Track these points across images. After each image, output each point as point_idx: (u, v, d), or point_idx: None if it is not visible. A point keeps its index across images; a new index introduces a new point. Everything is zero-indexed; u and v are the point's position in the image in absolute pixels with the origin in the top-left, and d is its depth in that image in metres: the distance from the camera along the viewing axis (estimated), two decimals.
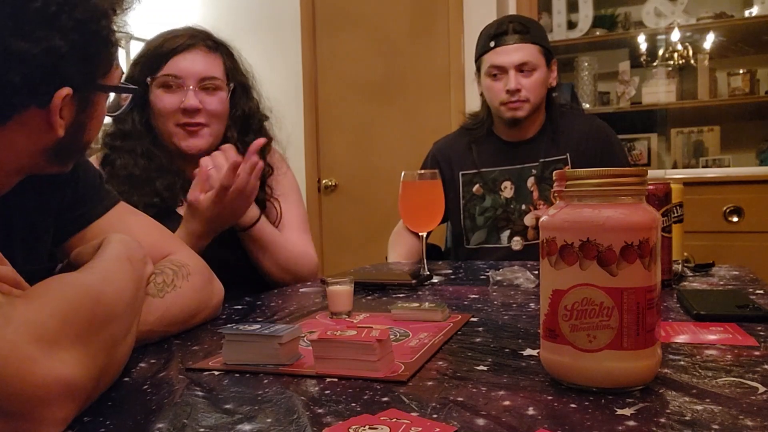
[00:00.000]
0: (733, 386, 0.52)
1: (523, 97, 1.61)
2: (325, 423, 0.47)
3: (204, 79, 1.22)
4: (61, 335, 0.49)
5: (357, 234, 3.22)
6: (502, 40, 1.62)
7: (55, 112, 0.65)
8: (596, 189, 0.53)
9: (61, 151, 0.71)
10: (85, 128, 0.72)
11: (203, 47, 1.25)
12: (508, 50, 1.61)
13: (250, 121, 1.33)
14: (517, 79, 1.60)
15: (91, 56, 0.68)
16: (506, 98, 1.62)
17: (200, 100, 1.22)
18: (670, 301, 0.91)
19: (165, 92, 1.23)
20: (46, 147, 0.69)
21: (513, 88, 1.60)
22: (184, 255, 0.90)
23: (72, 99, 0.67)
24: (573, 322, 0.52)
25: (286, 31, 3.31)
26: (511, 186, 1.68)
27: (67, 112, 0.68)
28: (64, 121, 0.67)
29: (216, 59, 1.27)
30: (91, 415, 0.50)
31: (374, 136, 3.19)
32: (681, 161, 2.99)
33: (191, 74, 1.21)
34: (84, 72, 0.67)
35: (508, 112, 1.63)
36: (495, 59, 1.63)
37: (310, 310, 0.94)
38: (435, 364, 0.62)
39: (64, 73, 0.65)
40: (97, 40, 0.67)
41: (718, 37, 2.86)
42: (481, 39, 1.69)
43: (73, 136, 0.70)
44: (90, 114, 0.72)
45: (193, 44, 1.23)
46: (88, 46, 0.66)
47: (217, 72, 1.25)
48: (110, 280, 0.60)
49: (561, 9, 2.99)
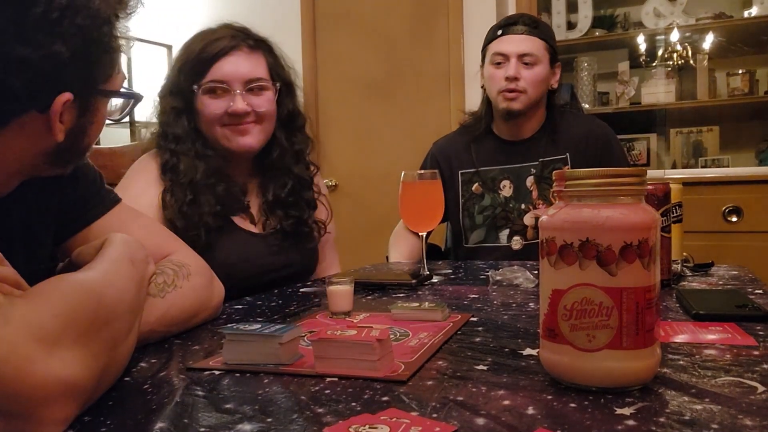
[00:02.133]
0: (732, 386, 0.52)
1: (521, 87, 1.62)
2: (325, 422, 0.47)
3: (250, 81, 1.20)
4: (62, 335, 0.49)
5: (357, 234, 3.22)
6: (510, 29, 1.65)
7: (56, 117, 0.65)
8: (596, 189, 0.53)
9: (61, 155, 0.71)
10: (85, 133, 0.72)
11: (245, 48, 1.22)
12: (514, 39, 1.64)
13: (296, 120, 1.32)
14: (517, 67, 1.61)
15: (92, 62, 0.67)
16: (504, 86, 1.63)
17: (248, 103, 1.20)
18: (669, 300, 0.91)
19: (211, 98, 1.20)
20: (46, 150, 0.69)
21: (512, 75, 1.61)
22: (185, 255, 0.90)
23: (73, 104, 0.67)
24: (572, 322, 0.52)
25: (287, 31, 3.30)
26: (510, 185, 1.68)
27: (67, 117, 0.68)
28: (65, 126, 0.67)
29: (259, 58, 1.24)
30: (91, 415, 0.51)
31: (374, 136, 3.19)
32: (680, 161, 2.99)
33: (237, 78, 1.19)
34: (85, 77, 0.67)
35: (503, 102, 1.64)
36: (500, 47, 1.65)
37: (310, 309, 0.94)
38: (435, 363, 0.62)
39: (64, 79, 0.64)
40: (99, 46, 0.67)
41: (717, 38, 2.86)
42: (491, 30, 1.72)
43: (74, 140, 0.70)
44: (90, 119, 0.71)
45: (236, 45, 1.21)
46: (89, 52, 0.66)
47: (261, 72, 1.23)
48: (112, 280, 0.60)
49: (560, 9, 3.00)
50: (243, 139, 1.21)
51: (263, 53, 1.25)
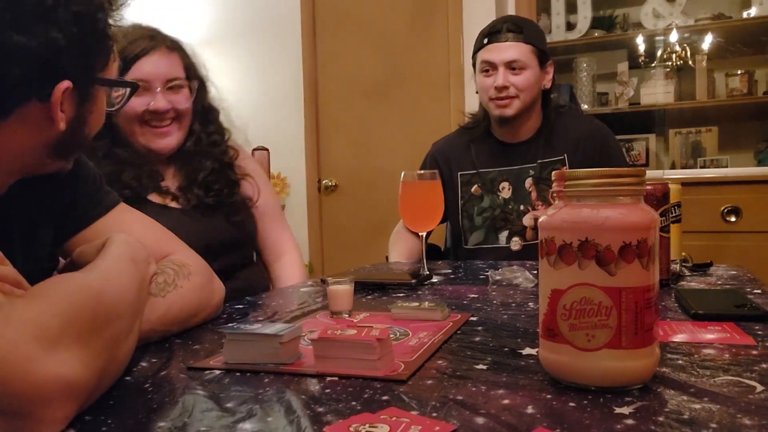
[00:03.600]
0: (731, 385, 0.53)
1: (511, 93, 1.63)
2: (325, 422, 0.47)
3: (170, 80, 1.26)
4: (63, 335, 0.49)
5: (357, 234, 3.22)
6: (495, 37, 1.65)
7: (56, 105, 0.66)
8: (595, 189, 0.53)
9: (62, 146, 0.72)
10: (86, 122, 0.72)
11: (164, 48, 1.27)
12: (500, 47, 1.64)
13: (210, 113, 1.38)
14: (505, 75, 1.62)
15: (89, 49, 0.68)
16: (494, 94, 1.64)
17: (169, 100, 1.26)
18: (668, 300, 0.91)
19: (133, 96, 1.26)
20: (48, 142, 0.69)
21: (500, 85, 1.62)
22: (185, 255, 0.90)
23: (72, 93, 0.67)
24: (572, 322, 0.52)
25: (287, 31, 3.31)
26: (509, 186, 1.69)
27: (68, 106, 0.68)
28: (66, 115, 0.68)
29: (176, 58, 1.30)
30: (92, 414, 0.51)
31: (374, 136, 3.20)
32: (679, 161, 3.00)
33: (157, 77, 1.24)
34: (83, 65, 0.68)
35: (496, 110, 1.65)
36: (486, 55, 1.65)
37: (310, 309, 0.94)
38: (434, 363, 0.62)
39: (63, 67, 0.65)
40: (95, 33, 0.68)
41: (716, 38, 2.87)
42: (478, 37, 1.72)
43: (75, 130, 0.71)
44: (90, 108, 0.72)
45: (155, 46, 1.25)
46: (86, 39, 0.67)
47: (179, 71, 1.29)
48: (113, 280, 0.60)
49: (560, 10, 3.00)
50: (164, 141, 1.27)
51: (178, 53, 1.31)
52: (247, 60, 3.41)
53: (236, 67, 3.42)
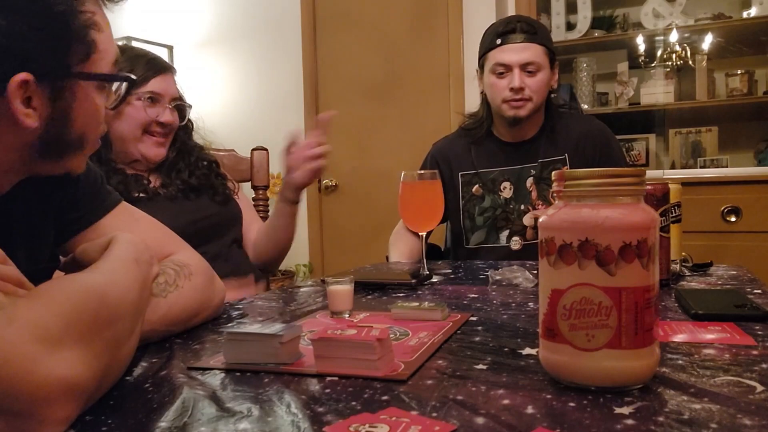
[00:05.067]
0: (731, 385, 0.53)
1: (526, 95, 1.62)
2: (325, 421, 0.47)
3: (174, 99, 1.43)
4: (65, 335, 0.49)
5: (357, 234, 3.22)
6: (509, 38, 1.62)
7: (13, 99, 0.61)
8: (595, 189, 0.53)
9: (48, 146, 0.68)
10: (68, 119, 0.67)
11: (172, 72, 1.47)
12: (515, 48, 1.61)
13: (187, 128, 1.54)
14: (521, 77, 1.61)
15: (57, 39, 0.63)
16: (509, 96, 1.62)
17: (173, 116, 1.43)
18: (668, 300, 0.91)
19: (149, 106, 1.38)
20: (27, 140, 0.66)
21: (517, 86, 1.60)
22: (186, 255, 0.90)
23: (40, 87, 0.63)
24: (572, 322, 0.52)
25: (287, 31, 3.31)
26: (510, 186, 1.69)
27: (38, 102, 0.63)
28: (38, 112, 0.64)
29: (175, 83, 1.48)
30: (92, 414, 0.51)
31: (374, 136, 3.20)
32: (679, 161, 3.00)
33: (169, 94, 1.42)
34: (51, 57, 0.63)
35: (510, 111, 1.63)
36: (501, 57, 1.63)
37: (310, 309, 0.94)
38: (434, 363, 0.63)
39: (21, 57, 0.60)
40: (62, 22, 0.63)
41: (716, 38, 2.87)
42: (487, 36, 1.69)
43: (57, 128, 0.66)
44: (70, 104, 0.67)
45: (169, 69, 1.45)
46: (51, 28, 0.62)
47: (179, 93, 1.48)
48: (115, 280, 0.60)
49: (560, 10, 3.00)
50: (159, 150, 1.41)
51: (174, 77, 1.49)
52: (247, 60, 3.41)
53: (236, 67, 3.42)
